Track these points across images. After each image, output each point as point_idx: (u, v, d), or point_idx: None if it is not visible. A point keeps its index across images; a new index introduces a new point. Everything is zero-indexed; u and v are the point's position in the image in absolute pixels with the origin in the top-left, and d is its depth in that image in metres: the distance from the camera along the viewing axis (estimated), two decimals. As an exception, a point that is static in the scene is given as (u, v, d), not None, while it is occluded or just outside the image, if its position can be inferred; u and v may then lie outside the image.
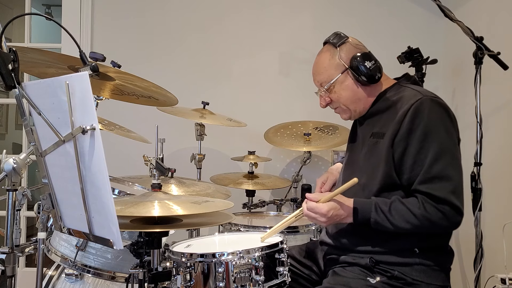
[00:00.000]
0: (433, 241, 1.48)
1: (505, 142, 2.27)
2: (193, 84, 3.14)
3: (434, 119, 1.43)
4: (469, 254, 2.38)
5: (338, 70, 1.57)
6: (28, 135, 1.27)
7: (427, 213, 1.39)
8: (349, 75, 1.56)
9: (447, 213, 1.39)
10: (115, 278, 1.72)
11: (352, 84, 1.57)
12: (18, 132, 4.67)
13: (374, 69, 1.53)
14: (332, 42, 1.59)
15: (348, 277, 1.49)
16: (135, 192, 1.82)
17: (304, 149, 2.75)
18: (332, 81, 1.57)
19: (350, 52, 1.56)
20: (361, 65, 1.53)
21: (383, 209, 1.43)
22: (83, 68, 1.39)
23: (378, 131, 1.52)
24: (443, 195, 1.39)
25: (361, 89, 1.57)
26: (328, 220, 1.47)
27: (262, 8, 3.17)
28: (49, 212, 1.29)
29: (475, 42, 2.11)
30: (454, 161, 1.43)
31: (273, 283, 1.44)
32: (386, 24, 3.12)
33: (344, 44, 1.58)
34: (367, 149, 1.55)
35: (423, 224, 1.40)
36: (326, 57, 1.60)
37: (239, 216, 2.47)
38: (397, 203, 1.43)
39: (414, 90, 1.53)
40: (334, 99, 1.60)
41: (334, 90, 1.58)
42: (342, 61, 1.56)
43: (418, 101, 1.45)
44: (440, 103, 1.47)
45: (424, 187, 1.41)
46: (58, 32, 3.24)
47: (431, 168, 1.40)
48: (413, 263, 1.46)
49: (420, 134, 1.42)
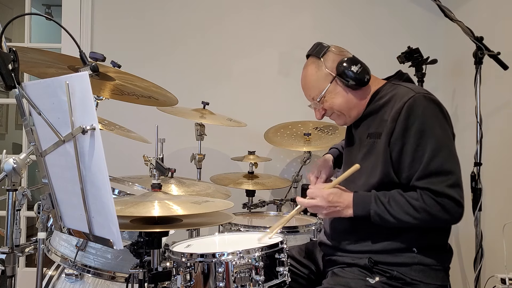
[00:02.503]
0: (431, 240, 1.48)
1: (505, 142, 2.27)
2: (193, 84, 3.14)
3: (429, 116, 1.43)
4: (469, 254, 2.38)
5: (327, 81, 1.57)
6: (28, 135, 1.27)
7: (426, 205, 1.39)
8: (338, 83, 1.57)
9: (446, 205, 1.39)
10: (115, 278, 1.72)
11: (342, 91, 1.57)
12: (18, 132, 4.67)
13: (361, 72, 1.53)
14: (315, 54, 1.60)
15: (347, 278, 1.49)
16: (135, 192, 1.82)
17: (304, 149, 2.75)
18: (323, 93, 1.58)
19: (335, 60, 1.57)
20: (348, 70, 1.53)
21: (382, 200, 1.43)
22: (83, 68, 1.39)
23: (374, 131, 1.52)
24: (441, 189, 1.39)
25: (352, 94, 1.57)
26: (329, 206, 1.47)
27: (262, 8, 3.17)
28: (49, 212, 1.29)
29: (475, 42, 2.11)
30: (452, 156, 1.44)
31: (273, 283, 1.44)
32: (386, 24, 3.12)
33: (327, 54, 1.58)
34: (365, 150, 1.55)
35: (422, 216, 1.40)
36: (313, 70, 1.60)
37: (239, 216, 2.47)
38: (396, 194, 1.44)
39: (406, 87, 1.53)
40: (328, 108, 1.61)
41: (325, 99, 1.59)
42: (329, 71, 1.56)
43: (411, 99, 1.45)
44: (433, 100, 1.47)
45: (422, 182, 1.42)
46: (58, 32, 3.24)
47: (429, 164, 1.41)
48: (411, 263, 1.46)
49: (416, 132, 1.42)
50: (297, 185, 2.82)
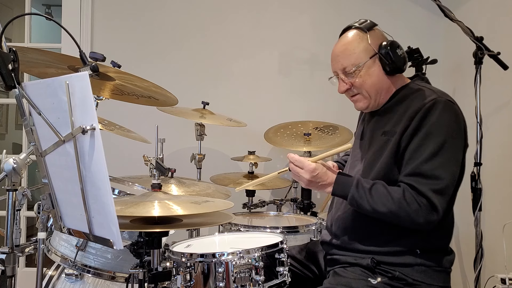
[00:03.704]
0: (434, 243, 1.48)
1: (505, 142, 2.27)
2: (193, 84, 3.14)
3: (441, 121, 1.42)
4: (469, 254, 2.38)
5: (368, 54, 1.52)
6: (28, 135, 1.27)
7: (405, 201, 1.38)
8: (376, 62, 1.53)
9: (423, 207, 1.38)
10: (115, 278, 1.73)
11: (379, 71, 1.53)
12: (18, 132, 4.67)
13: (402, 59, 1.52)
14: (361, 27, 1.55)
15: (349, 278, 1.49)
16: (135, 192, 1.82)
17: (304, 149, 2.75)
18: (360, 65, 1.52)
19: (379, 39, 1.54)
20: (392, 52, 1.50)
21: (364, 186, 1.43)
22: (83, 68, 1.39)
23: (391, 129, 1.51)
24: (425, 190, 1.38)
25: (386, 78, 1.54)
26: (311, 179, 1.47)
27: (262, 8, 3.17)
28: (49, 212, 1.29)
29: (475, 42, 2.11)
30: (449, 164, 1.42)
31: (273, 283, 1.44)
32: (386, 24, 3.08)
33: (373, 30, 1.55)
34: (378, 147, 1.53)
35: (398, 211, 1.39)
36: (355, 39, 1.54)
37: (239, 216, 2.47)
38: (380, 185, 1.43)
39: (430, 90, 1.51)
40: (357, 84, 1.54)
41: (360, 74, 1.53)
42: (372, 46, 1.52)
43: (431, 101, 1.44)
44: (452, 107, 1.46)
45: (408, 178, 1.41)
46: (58, 32, 3.24)
47: (421, 165, 1.40)
48: (414, 263, 1.45)
49: (423, 133, 1.42)
50: (297, 185, 2.82)
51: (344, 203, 1.56)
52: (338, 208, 1.62)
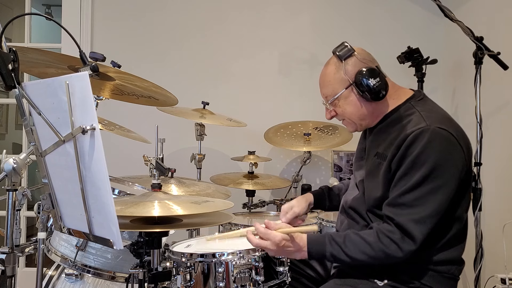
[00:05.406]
0: (447, 255, 1.45)
1: (505, 142, 2.27)
2: (193, 84, 3.14)
3: (426, 150, 1.37)
4: (469, 254, 2.38)
5: (343, 85, 1.51)
6: (28, 135, 1.27)
7: (381, 243, 1.36)
8: (353, 91, 1.51)
9: (399, 242, 1.35)
10: (115, 278, 1.73)
11: (356, 100, 1.51)
12: (18, 132, 4.67)
13: (379, 86, 1.47)
14: (338, 55, 1.52)
15: (355, 278, 1.47)
16: (135, 192, 1.82)
17: (304, 149, 2.75)
18: (336, 96, 1.52)
19: (356, 66, 1.50)
20: (365, 81, 1.47)
21: (337, 241, 1.40)
22: (83, 68, 1.39)
23: (382, 152, 1.49)
24: (402, 220, 1.36)
25: (365, 106, 1.52)
26: (278, 250, 1.41)
27: (262, 8, 3.17)
28: (49, 212, 1.29)
29: (475, 42, 2.11)
30: (433, 193, 1.37)
31: (273, 283, 1.44)
32: (386, 24, 3.12)
33: (350, 58, 1.51)
34: (371, 167, 1.52)
35: (377, 254, 1.37)
36: (332, 70, 1.54)
37: (239, 216, 2.47)
38: (352, 234, 1.41)
39: (421, 116, 1.46)
40: (339, 112, 1.56)
41: (338, 104, 1.54)
42: (347, 76, 1.50)
43: (419, 130, 1.39)
44: (440, 134, 1.39)
45: (388, 209, 1.40)
46: (58, 32, 3.24)
47: (403, 195, 1.38)
48: (424, 268, 1.43)
49: (408, 162, 1.38)
50: (297, 185, 2.82)
51: (343, 225, 1.58)
52: (339, 227, 1.64)
